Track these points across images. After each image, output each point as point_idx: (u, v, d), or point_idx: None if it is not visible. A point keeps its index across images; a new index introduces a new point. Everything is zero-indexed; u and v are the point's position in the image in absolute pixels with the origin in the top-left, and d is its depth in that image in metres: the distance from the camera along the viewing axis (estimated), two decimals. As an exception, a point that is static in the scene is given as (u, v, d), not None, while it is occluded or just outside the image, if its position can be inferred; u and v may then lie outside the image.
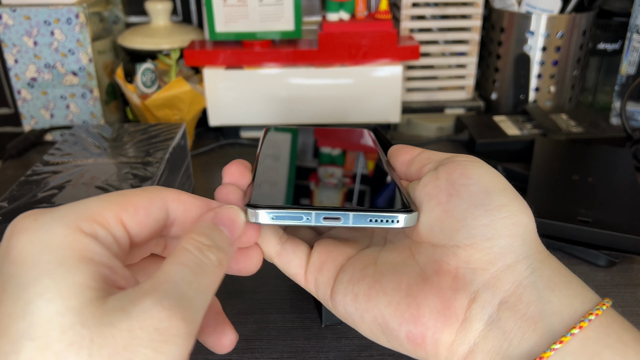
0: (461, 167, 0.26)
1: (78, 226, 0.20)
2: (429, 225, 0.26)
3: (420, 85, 0.72)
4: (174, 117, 0.62)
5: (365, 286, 0.25)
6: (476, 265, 0.23)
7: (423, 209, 0.26)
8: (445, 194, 0.25)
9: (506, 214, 0.24)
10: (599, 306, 0.23)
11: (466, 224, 0.24)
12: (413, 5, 0.69)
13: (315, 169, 0.31)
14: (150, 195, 0.23)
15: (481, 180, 0.25)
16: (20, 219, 0.21)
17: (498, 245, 0.23)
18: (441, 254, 0.24)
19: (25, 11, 0.61)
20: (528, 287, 0.23)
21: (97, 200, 0.22)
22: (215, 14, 0.61)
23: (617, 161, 0.54)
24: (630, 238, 0.42)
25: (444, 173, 0.26)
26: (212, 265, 0.22)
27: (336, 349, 0.36)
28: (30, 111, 0.66)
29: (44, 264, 0.19)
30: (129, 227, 0.22)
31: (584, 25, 0.67)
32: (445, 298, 0.23)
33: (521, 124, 0.65)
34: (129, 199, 0.22)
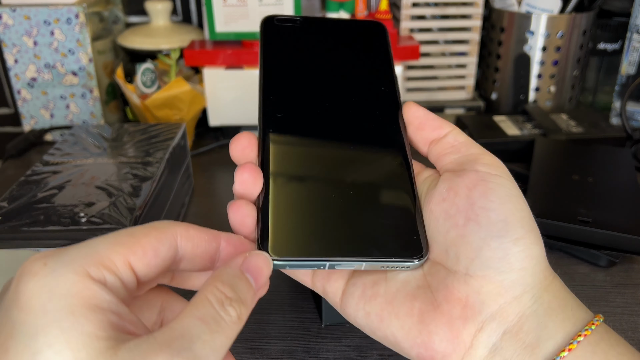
0: (483, 184, 0.25)
1: (87, 272, 0.20)
2: (444, 247, 0.26)
3: (420, 85, 0.72)
4: (174, 117, 0.62)
5: (377, 307, 0.26)
6: (486, 297, 0.24)
7: (440, 228, 0.26)
8: (464, 216, 0.25)
9: (521, 248, 0.24)
10: (588, 326, 0.24)
11: (481, 255, 0.24)
12: (413, 5, 0.69)
13: (324, 184, 0.28)
14: (159, 234, 0.23)
15: (501, 207, 0.25)
16: (30, 262, 0.20)
17: (509, 278, 0.24)
18: (453, 281, 0.25)
19: (25, 11, 0.61)
20: (530, 317, 0.24)
21: (105, 243, 0.21)
22: (215, 14, 0.61)
23: (617, 161, 0.54)
24: (630, 238, 0.42)
25: (464, 187, 0.26)
26: (231, 322, 0.21)
27: (336, 349, 0.36)
28: (30, 111, 0.66)
29: (53, 312, 0.19)
30: (136, 269, 0.22)
31: (584, 25, 0.67)
32: (455, 327, 0.24)
33: (521, 124, 0.65)
34: (138, 240, 0.22)
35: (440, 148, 0.28)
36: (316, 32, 0.33)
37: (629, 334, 0.37)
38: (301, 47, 0.33)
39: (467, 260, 0.24)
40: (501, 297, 0.24)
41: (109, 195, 0.40)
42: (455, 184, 0.26)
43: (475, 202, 0.25)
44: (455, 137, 0.28)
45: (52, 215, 0.37)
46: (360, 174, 0.28)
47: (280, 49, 0.32)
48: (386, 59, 0.33)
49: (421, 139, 0.29)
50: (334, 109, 0.30)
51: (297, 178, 0.28)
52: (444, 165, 0.28)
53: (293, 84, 0.31)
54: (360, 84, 0.31)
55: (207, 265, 0.25)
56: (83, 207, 0.38)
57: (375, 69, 0.32)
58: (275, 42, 0.32)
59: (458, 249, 0.25)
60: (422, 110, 0.29)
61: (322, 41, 0.33)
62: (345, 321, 0.31)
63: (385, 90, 0.31)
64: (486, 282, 0.24)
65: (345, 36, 0.34)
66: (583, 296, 0.40)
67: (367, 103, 0.31)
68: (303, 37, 0.33)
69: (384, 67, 0.32)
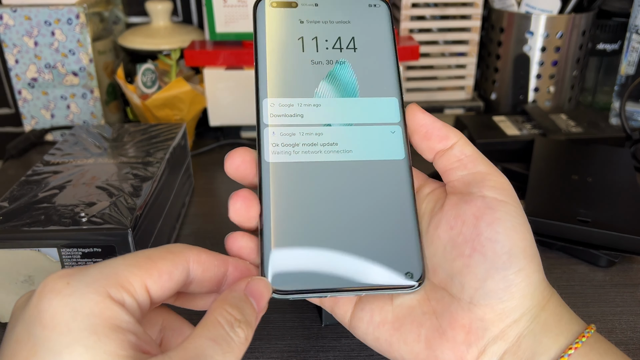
0: (490, 213, 0.26)
1: (108, 293, 0.21)
2: (450, 274, 0.27)
3: (420, 85, 0.72)
4: (174, 117, 0.62)
5: (386, 333, 0.27)
6: (488, 323, 0.25)
7: (447, 256, 0.27)
8: (470, 246, 0.26)
9: (522, 278, 0.25)
10: (579, 339, 0.25)
11: (485, 286, 0.25)
12: (413, 6, 0.69)
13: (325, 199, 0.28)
14: (174, 257, 0.24)
15: (507, 239, 0.26)
16: (53, 279, 0.21)
17: (510, 305, 0.25)
18: (457, 308, 0.26)
19: (26, 11, 0.61)
20: (527, 335, 0.25)
21: (124, 265, 0.22)
22: (216, 14, 0.61)
23: (616, 161, 0.54)
24: (630, 238, 0.42)
25: (471, 216, 0.26)
26: (240, 342, 0.22)
27: (336, 349, 0.36)
28: (30, 111, 0.66)
29: (77, 331, 0.20)
30: (151, 291, 0.23)
31: (583, 26, 0.67)
32: (460, 352, 0.26)
33: (521, 124, 0.65)
34: (155, 263, 0.23)
35: (447, 161, 0.29)
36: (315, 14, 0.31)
37: (628, 334, 0.37)
38: (298, 32, 0.30)
39: (471, 289, 0.26)
40: (502, 322, 0.25)
41: (110, 195, 0.40)
42: (463, 211, 0.27)
43: (482, 233, 0.26)
44: (462, 150, 0.28)
45: (52, 215, 0.38)
46: (359, 197, 0.28)
47: (277, 36, 0.30)
48: (389, 45, 0.31)
49: (427, 148, 0.29)
50: (335, 117, 0.29)
51: (295, 203, 0.27)
52: (450, 182, 0.29)
53: (291, 81, 0.29)
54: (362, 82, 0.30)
55: (214, 288, 0.26)
56: (84, 207, 0.38)
57: (377, 62, 0.31)
58: (270, 26, 0.30)
59: (463, 278, 0.26)
60: (428, 117, 0.29)
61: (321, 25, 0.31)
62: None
63: (388, 88, 0.30)
64: (489, 310, 0.25)
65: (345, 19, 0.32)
66: (582, 296, 0.40)
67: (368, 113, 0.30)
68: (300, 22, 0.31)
69: (385, 58, 0.30)
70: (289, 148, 0.28)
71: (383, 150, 0.29)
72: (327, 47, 0.30)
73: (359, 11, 0.31)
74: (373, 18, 0.31)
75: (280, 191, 0.27)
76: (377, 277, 0.27)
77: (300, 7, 0.30)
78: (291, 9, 0.30)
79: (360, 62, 0.30)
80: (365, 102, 0.30)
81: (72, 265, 0.37)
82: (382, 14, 0.31)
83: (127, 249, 0.36)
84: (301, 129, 0.29)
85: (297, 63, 0.30)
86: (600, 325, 0.38)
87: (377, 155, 0.29)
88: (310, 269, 0.26)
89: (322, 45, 0.30)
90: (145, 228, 0.39)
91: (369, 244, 0.27)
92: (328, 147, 0.29)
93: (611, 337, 0.36)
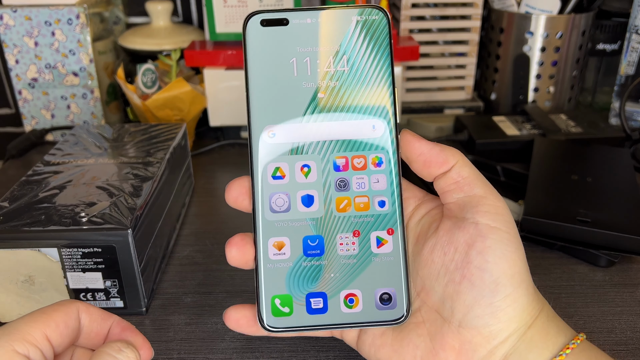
0: (481, 242, 0.27)
1: (13, 348, 0.23)
2: (442, 297, 0.28)
3: (419, 85, 0.72)
4: (175, 118, 0.62)
5: (385, 355, 0.30)
6: (476, 345, 0.27)
7: (439, 280, 0.28)
8: (460, 274, 0.27)
9: (509, 303, 0.27)
10: (563, 351, 0.27)
11: (472, 311, 0.27)
12: (412, 6, 0.69)
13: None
14: (65, 308, 0.26)
15: (495, 267, 0.27)
16: None
17: (497, 329, 0.27)
18: (447, 331, 0.28)
19: (26, 12, 0.61)
20: (513, 354, 0.27)
21: (24, 321, 0.25)
22: (216, 14, 0.61)
23: (616, 161, 0.54)
24: (630, 238, 0.42)
25: (463, 243, 0.28)
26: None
27: (336, 349, 0.36)
28: (31, 111, 0.66)
29: None
30: (52, 340, 0.25)
31: (583, 26, 0.67)
32: None
33: (520, 124, 0.65)
34: (50, 316, 0.26)
35: (444, 183, 0.29)
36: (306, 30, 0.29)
37: (628, 334, 0.37)
38: (289, 51, 0.29)
39: (460, 314, 0.28)
40: (489, 344, 0.27)
41: (110, 195, 0.40)
42: (456, 238, 0.28)
43: (472, 261, 0.27)
44: (459, 172, 0.29)
45: (53, 215, 0.38)
46: (346, 226, 0.29)
47: (268, 59, 0.29)
48: (386, 59, 0.29)
49: (427, 175, 0.30)
50: (325, 133, 0.29)
51: (287, 246, 0.29)
52: (447, 205, 0.30)
53: (281, 100, 0.29)
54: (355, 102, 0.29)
55: (99, 343, 0.28)
56: (84, 207, 0.39)
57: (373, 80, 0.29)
58: (261, 47, 0.29)
59: (453, 303, 0.28)
60: (424, 144, 0.29)
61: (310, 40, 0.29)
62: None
63: (382, 108, 0.29)
64: (476, 334, 0.27)
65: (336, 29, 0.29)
66: (582, 296, 0.40)
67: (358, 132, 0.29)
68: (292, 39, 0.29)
69: (382, 74, 0.29)
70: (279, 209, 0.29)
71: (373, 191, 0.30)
72: (320, 68, 0.29)
73: (355, 24, 0.29)
74: (371, 31, 0.29)
75: (272, 238, 0.29)
76: (363, 316, 0.29)
77: (292, 25, 0.29)
78: (282, 28, 0.29)
79: (352, 83, 0.29)
80: (355, 129, 0.29)
81: (73, 265, 0.37)
82: (381, 27, 0.29)
83: (127, 249, 0.36)
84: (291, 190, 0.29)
85: (288, 87, 0.29)
86: (600, 325, 0.38)
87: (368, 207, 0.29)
88: (299, 309, 0.29)
89: (314, 66, 0.29)
90: (145, 228, 0.39)
91: (356, 282, 0.29)
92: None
93: (611, 337, 0.36)
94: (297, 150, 0.29)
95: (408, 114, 0.71)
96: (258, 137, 0.29)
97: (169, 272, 0.44)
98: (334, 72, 0.29)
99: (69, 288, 0.38)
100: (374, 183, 0.29)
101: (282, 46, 0.29)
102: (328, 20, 0.29)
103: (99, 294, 0.38)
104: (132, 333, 0.28)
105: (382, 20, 0.29)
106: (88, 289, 0.38)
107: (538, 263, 0.44)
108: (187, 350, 0.36)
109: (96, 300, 0.38)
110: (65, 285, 0.38)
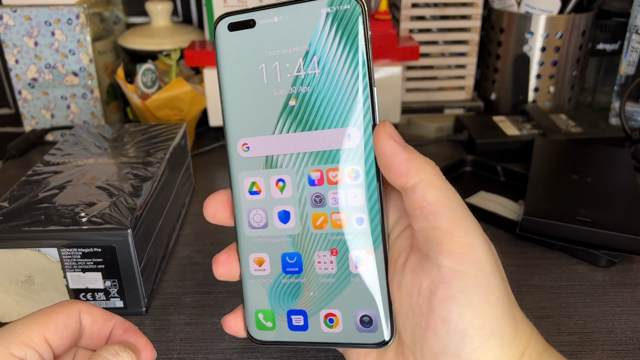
0: (444, 288, 0.24)
1: (10, 351, 0.23)
2: (412, 339, 0.26)
3: (420, 85, 0.72)
4: (175, 118, 0.62)
5: None
6: None
7: (408, 320, 0.26)
8: (425, 320, 0.25)
9: (477, 355, 0.24)
10: None
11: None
12: (413, 6, 0.69)
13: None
14: (66, 310, 0.26)
15: (460, 319, 0.24)
16: None
17: None
18: None
19: (26, 12, 0.61)
20: None
21: (23, 324, 0.25)
22: (216, 14, 0.61)
23: (616, 161, 0.54)
24: (630, 238, 0.42)
25: (426, 288, 0.25)
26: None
27: (336, 349, 0.36)
28: (31, 111, 0.66)
29: None
30: (51, 342, 0.25)
31: (583, 26, 0.67)
32: None
33: (520, 124, 0.65)
34: (49, 317, 0.25)
35: (409, 205, 0.25)
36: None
37: (628, 334, 0.37)
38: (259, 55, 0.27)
39: (429, 359, 0.25)
40: None
41: (110, 195, 0.40)
42: (419, 281, 0.25)
43: (435, 310, 0.24)
44: (424, 195, 0.25)
45: (53, 215, 0.38)
46: (323, 243, 0.28)
47: (238, 66, 0.27)
48: (362, 57, 0.25)
49: (390, 180, 0.26)
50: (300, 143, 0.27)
51: (264, 255, 0.29)
52: (415, 232, 0.26)
53: (253, 111, 0.27)
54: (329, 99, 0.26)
55: (101, 344, 0.28)
56: (84, 207, 0.38)
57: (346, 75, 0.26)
58: (230, 55, 0.27)
59: (422, 348, 0.25)
60: (390, 146, 0.25)
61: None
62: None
63: (356, 103, 0.26)
64: None
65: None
66: (582, 296, 0.40)
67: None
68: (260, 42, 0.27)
69: (356, 74, 0.26)
70: (258, 226, 0.29)
71: (350, 207, 0.27)
72: (289, 73, 0.26)
73: (324, 17, 0.25)
74: (343, 24, 0.25)
75: (252, 254, 0.29)
76: (345, 337, 0.28)
77: (259, 26, 0.26)
78: (249, 31, 0.26)
79: (325, 87, 0.26)
80: (329, 139, 0.26)
81: (72, 265, 0.37)
82: (354, 18, 0.25)
83: (127, 249, 0.36)
84: (268, 205, 0.28)
85: (259, 96, 0.27)
86: (600, 325, 0.38)
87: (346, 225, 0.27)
88: (283, 324, 0.29)
89: (283, 71, 0.26)
90: (145, 228, 0.39)
91: (336, 303, 0.28)
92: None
93: (611, 337, 0.36)
94: (272, 163, 0.27)
95: (408, 114, 0.71)
96: (234, 151, 0.28)
97: (168, 272, 0.44)
98: (304, 76, 0.26)
99: (69, 288, 0.38)
100: (350, 198, 0.26)
101: (250, 51, 0.26)
102: (295, 16, 0.25)
103: (98, 294, 0.38)
104: (135, 334, 0.28)
105: (355, 9, 0.25)
106: (88, 289, 0.38)
107: (538, 263, 0.44)
108: (187, 351, 0.36)
109: (96, 300, 0.38)
110: (65, 285, 0.38)
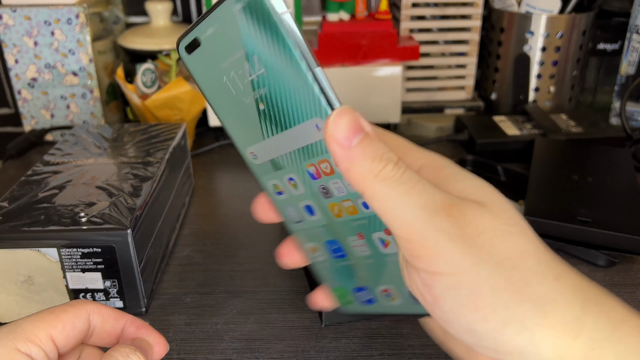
0: (428, 290, 0.23)
1: (15, 347, 0.23)
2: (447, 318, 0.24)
3: (420, 85, 0.72)
4: (174, 117, 0.62)
5: None
6: None
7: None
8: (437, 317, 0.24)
9: (512, 347, 0.22)
10: None
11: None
12: (413, 6, 0.69)
13: None
14: (75, 309, 0.26)
15: (456, 317, 0.23)
16: None
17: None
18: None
19: (26, 11, 0.61)
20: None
21: (30, 321, 0.25)
22: (216, 14, 0.61)
23: (616, 161, 0.54)
24: (630, 238, 0.42)
25: (420, 290, 0.24)
26: None
27: (336, 349, 0.36)
28: (30, 111, 0.66)
29: None
30: (57, 341, 0.25)
31: (583, 26, 0.67)
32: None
33: (521, 124, 0.65)
34: (57, 316, 0.26)
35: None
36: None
37: (628, 334, 0.37)
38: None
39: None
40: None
41: (110, 195, 0.40)
42: (415, 282, 0.24)
43: (434, 312, 0.24)
44: (372, 207, 0.24)
45: (52, 215, 0.38)
46: (349, 230, 0.27)
47: (209, 84, 0.27)
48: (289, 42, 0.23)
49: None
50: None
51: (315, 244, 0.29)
52: None
53: (241, 121, 0.27)
54: None
55: (113, 342, 0.28)
56: (83, 207, 0.38)
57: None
58: (200, 74, 0.27)
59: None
60: (334, 147, 0.23)
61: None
62: (345, 321, 0.31)
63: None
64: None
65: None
66: (582, 296, 0.40)
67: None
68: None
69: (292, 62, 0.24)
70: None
71: (352, 194, 0.26)
72: (245, 79, 0.25)
73: (240, 14, 0.23)
74: (257, 15, 0.23)
75: (306, 244, 0.29)
76: (408, 306, 0.28)
77: (203, 42, 0.25)
78: (200, 49, 0.26)
79: (276, 84, 0.24)
80: (304, 133, 0.25)
81: (72, 265, 0.37)
82: (265, 4, 0.22)
83: (127, 249, 0.36)
84: (293, 203, 0.28)
85: (237, 107, 0.26)
86: (600, 326, 0.38)
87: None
88: (357, 299, 0.29)
89: (241, 79, 0.25)
90: (145, 228, 0.39)
91: (385, 279, 0.28)
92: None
93: (611, 337, 0.36)
94: (277, 165, 0.27)
95: (408, 114, 0.71)
96: (249, 159, 0.28)
97: (168, 272, 0.44)
98: (257, 78, 0.25)
99: (69, 288, 0.38)
100: (349, 185, 0.25)
101: (210, 68, 0.26)
102: (221, 22, 0.24)
103: (98, 294, 0.38)
104: (147, 330, 0.28)
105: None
106: (87, 289, 0.38)
107: (538, 263, 0.44)
108: (187, 351, 0.36)
109: (96, 300, 0.38)
110: (65, 286, 0.38)
